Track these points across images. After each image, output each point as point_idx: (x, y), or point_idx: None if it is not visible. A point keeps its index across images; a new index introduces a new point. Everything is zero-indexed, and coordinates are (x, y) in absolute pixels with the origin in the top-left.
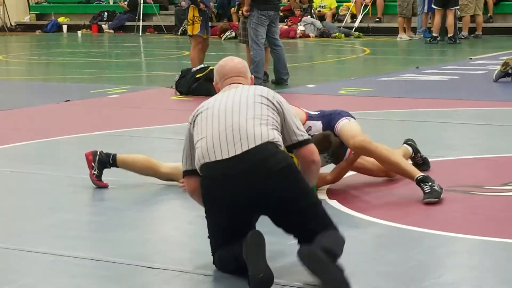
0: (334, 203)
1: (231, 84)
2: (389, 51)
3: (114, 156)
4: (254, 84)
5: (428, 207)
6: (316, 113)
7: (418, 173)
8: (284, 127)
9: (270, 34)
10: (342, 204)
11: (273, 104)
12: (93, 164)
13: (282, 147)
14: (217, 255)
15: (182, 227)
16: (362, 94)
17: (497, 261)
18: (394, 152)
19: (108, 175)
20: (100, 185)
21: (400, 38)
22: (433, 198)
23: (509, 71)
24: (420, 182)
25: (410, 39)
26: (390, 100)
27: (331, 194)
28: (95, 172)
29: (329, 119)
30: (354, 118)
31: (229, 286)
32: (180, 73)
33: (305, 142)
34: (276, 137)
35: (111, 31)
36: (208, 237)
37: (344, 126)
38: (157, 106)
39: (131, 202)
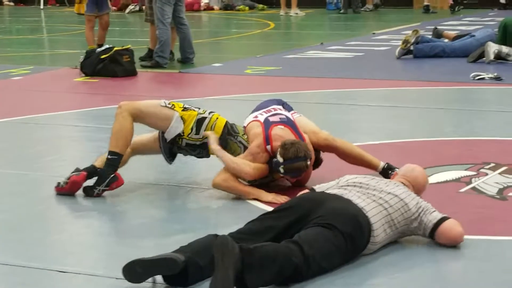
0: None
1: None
2: (293, 25)
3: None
4: (158, 63)
5: None
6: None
7: (382, 162)
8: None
9: (176, 13)
10: None
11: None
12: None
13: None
14: None
15: (92, 226)
16: (269, 73)
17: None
18: (354, 145)
19: (16, 168)
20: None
21: (286, 13)
22: None
23: (410, 48)
24: (388, 169)
25: (296, 15)
26: (296, 80)
27: None
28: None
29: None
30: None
31: None
32: (85, 53)
33: (440, 221)
34: None
35: (11, 3)
36: None
37: (301, 120)
38: (62, 89)
39: (38, 198)
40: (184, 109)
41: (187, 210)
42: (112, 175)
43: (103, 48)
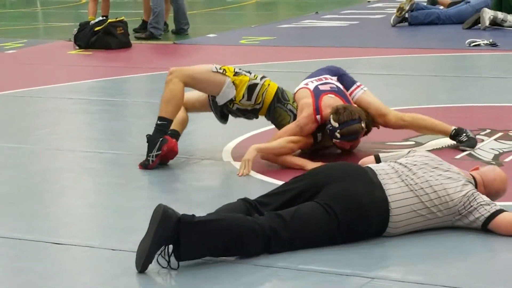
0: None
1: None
2: None
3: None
4: (152, 34)
5: None
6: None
7: (451, 128)
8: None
9: None
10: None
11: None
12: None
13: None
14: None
15: (87, 198)
16: (263, 43)
17: None
18: (424, 117)
19: (10, 141)
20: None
21: None
22: (469, 146)
23: (405, 16)
24: (455, 135)
25: None
26: (291, 50)
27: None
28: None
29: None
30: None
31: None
32: (78, 26)
33: (495, 214)
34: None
35: None
36: None
37: (365, 98)
38: (56, 62)
39: (33, 171)
40: (236, 73)
41: (183, 181)
42: (161, 138)
43: (96, 20)
